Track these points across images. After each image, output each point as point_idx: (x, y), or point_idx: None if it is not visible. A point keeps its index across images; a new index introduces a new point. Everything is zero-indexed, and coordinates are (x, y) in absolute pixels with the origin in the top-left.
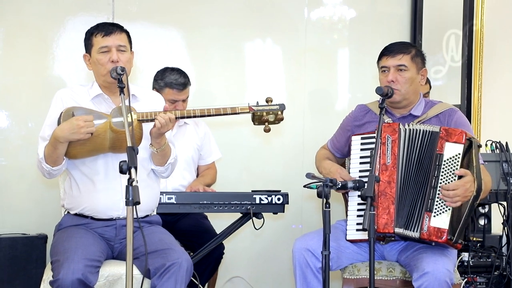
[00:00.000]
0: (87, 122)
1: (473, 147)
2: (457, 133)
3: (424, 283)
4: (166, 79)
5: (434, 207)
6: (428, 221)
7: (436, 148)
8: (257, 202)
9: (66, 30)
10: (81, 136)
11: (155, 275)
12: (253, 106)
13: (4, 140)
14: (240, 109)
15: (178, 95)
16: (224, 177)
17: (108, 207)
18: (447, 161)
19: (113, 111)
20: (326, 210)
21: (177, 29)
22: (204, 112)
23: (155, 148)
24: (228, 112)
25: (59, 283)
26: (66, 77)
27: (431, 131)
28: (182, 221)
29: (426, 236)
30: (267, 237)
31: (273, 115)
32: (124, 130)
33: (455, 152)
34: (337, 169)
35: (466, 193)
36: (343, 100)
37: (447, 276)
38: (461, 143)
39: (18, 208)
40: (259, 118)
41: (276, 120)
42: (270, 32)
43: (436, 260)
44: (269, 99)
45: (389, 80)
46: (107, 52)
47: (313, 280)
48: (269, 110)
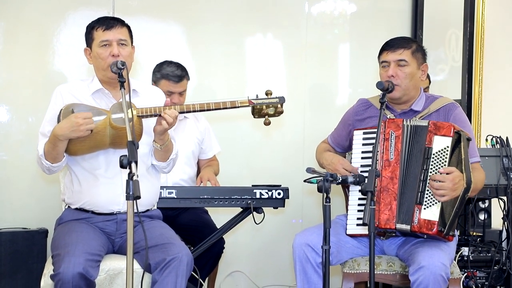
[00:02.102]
0: (86, 120)
1: (462, 140)
2: (445, 126)
3: (419, 277)
4: (163, 71)
5: (424, 199)
6: (418, 213)
7: (425, 141)
8: (258, 197)
9: (66, 25)
10: (81, 133)
11: (156, 269)
12: (253, 100)
13: (5, 135)
14: (240, 103)
15: (174, 87)
16: (224, 172)
17: (109, 201)
18: (435, 154)
19: (113, 107)
20: (326, 204)
21: (177, 24)
22: (204, 106)
23: (158, 145)
24: (227, 106)
25: (60, 277)
26: (67, 72)
27: (419, 125)
28: (182, 215)
29: (417, 228)
30: (267, 231)
31: (273, 108)
32: (123, 126)
33: (444, 145)
34: (339, 160)
35: (454, 187)
36: (343, 95)
37: (442, 270)
38: (449, 136)
39: (18, 202)
40: (259, 111)
41: (276, 113)
42: (271, 27)
43: (432, 255)
44: (268, 92)
45: (389, 75)
46: (108, 46)
47: (313, 275)
48: (268, 103)
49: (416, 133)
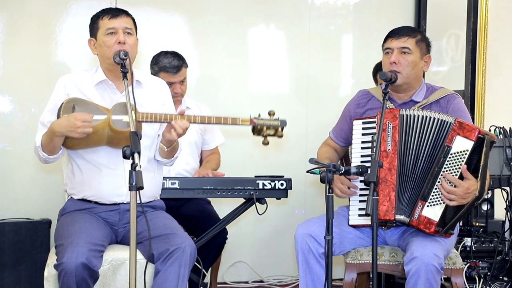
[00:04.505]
0: (85, 123)
1: (485, 145)
2: (470, 128)
3: (413, 267)
4: (160, 64)
5: (429, 197)
6: (420, 209)
7: (445, 138)
8: (260, 188)
9: (69, 16)
10: (77, 135)
11: (159, 259)
12: (254, 119)
13: (8, 125)
14: (241, 121)
15: (173, 78)
16: (227, 163)
17: (112, 192)
18: (453, 155)
19: (114, 108)
20: (329, 195)
21: (180, 15)
22: (205, 120)
23: (166, 147)
24: (228, 122)
25: (63, 267)
26: (70, 62)
27: (445, 120)
28: (185, 206)
29: (415, 223)
30: (270, 222)
31: (273, 130)
32: (122, 130)
33: (464, 147)
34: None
35: (464, 196)
36: (346, 86)
37: (435, 261)
38: (471, 140)
39: (22, 193)
40: (259, 131)
41: (276, 135)
42: (274, 18)
43: (425, 245)
44: (271, 112)
45: (391, 61)
46: (113, 34)
47: (315, 265)
48: (269, 125)
49: (419, 123)
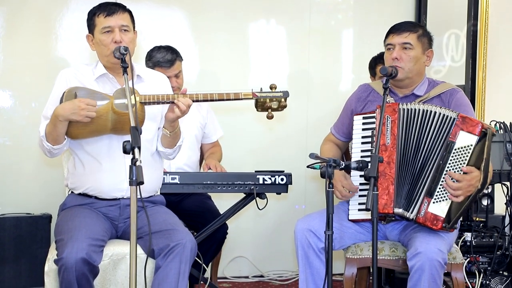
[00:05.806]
0: (89, 106)
1: (487, 138)
2: (473, 123)
3: (416, 263)
4: (153, 59)
5: (435, 193)
6: (426, 206)
7: (449, 133)
8: (261, 183)
9: (69, 10)
10: (80, 118)
11: (160, 255)
12: (257, 92)
13: (8, 120)
14: (243, 95)
15: (167, 72)
16: (228, 158)
17: (112, 187)
18: (457, 150)
19: (116, 93)
20: (329, 190)
21: (180, 10)
22: (207, 96)
23: (168, 131)
24: (231, 98)
25: (63, 262)
26: (70, 57)
27: (447, 115)
28: (185, 201)
29: (422, 220)
30: (270, 217)
31: (277, 102)
32: (125, 112)
33: (468, 142)
34: (339, 176)
35: (469, 188)
36: (347, 81)
37: (439, 256)
38: (475, 135)
39: (22, 188)
40: (262, 104)
41: (280, 107)
42: (274, 13)
43: (428, 240)
44: (273, 86)
45: (393, 57)
46: (110, 33)
47: (315, 260)
48: (272, 97)
49: (417, 117)
